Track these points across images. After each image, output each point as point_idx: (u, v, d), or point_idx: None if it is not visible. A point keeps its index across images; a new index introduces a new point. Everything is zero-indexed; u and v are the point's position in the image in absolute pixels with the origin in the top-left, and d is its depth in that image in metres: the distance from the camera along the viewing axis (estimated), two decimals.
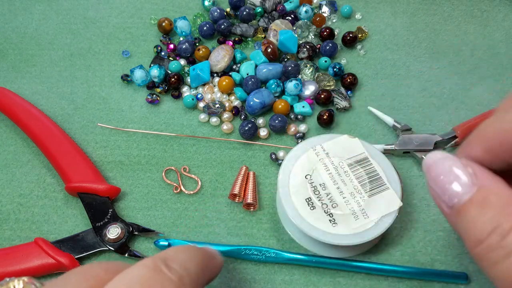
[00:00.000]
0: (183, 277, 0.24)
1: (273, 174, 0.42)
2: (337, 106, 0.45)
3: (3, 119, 0.44)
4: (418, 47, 0.49)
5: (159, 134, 0.43)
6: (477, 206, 0.22)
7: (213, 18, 0.50)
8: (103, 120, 0.44)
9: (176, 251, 0.26)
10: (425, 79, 0.47)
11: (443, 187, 0.24)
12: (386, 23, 0.51)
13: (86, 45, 0.49)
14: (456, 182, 0.23)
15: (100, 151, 0.43)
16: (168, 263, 0.24)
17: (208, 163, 0.42)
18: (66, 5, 0.51)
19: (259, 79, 0.45)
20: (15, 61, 0.48)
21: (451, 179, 0.23)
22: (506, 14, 0.51)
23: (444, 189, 0.23)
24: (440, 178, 0.24)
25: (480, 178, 0.23)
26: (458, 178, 0.23)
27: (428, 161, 0.25)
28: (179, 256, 0.26)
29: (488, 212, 0.21)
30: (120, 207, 0.40)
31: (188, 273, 0.25)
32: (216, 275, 0.30)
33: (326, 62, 0.47)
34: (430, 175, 0.25)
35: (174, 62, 0.46)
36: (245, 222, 0.39)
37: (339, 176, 0.37)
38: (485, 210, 0.22)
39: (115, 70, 0.47)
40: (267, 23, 0.49)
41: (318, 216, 0.35)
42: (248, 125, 0.42)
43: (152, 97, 0.45)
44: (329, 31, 0.48)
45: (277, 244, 0.38)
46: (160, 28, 0.49)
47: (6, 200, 0.40)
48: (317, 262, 0.37)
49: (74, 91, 0.46)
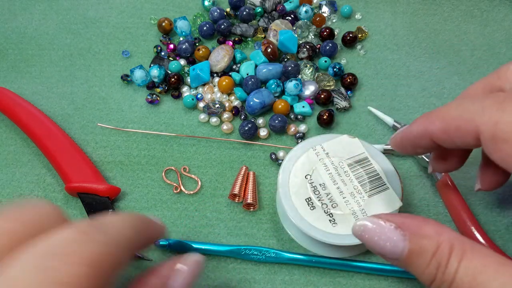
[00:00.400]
0: (112, 238, 0.23)
1: (273, 174, 0.42)
2: (337, 106, 0.45)
3: (3, 119, 0.44)
4: (418, 47, 0.49)
5: (159, 134, 0.43)
6: (416, 255, 0.25)
7: (213, 18, 0.50)
8: (103, 120, 0.44)
9: (111, 217, 0.25)
10: (425, 79, 0.47)
11: (381, 250, 0.26)
12: (386, 23, 0.51)
13: (86, 45, 0.49)
14: (388, 243, 0.26)
15: (100, 151, 0.43)
16: (98, 226, 0.23)
17: (208, 163, 0.42)
18: (66, 5, 0.51)
19: (259, 79, 0.45)
20: (15, 61, 0.48)
21: (383, 241, 0.26)
22: (506, 14, 0.51)
23: (383, 251, 0.26)
24: (374, 243, 0.26)
25: (405, 228, 0.26)
26: (388, 238, 0.26)
27: (355, 231, 0.28)
28: (112, 220, 0.24)
29: (427, 257, 0.25)
30: (120, 207, 0.40)
31: (119, 235, 0.23)
32: (154, 240, 0.30)
33: (326, 62, 0.47)
34: (364, 242, 0.27)
35: (174, 62, 0.46)
36: (245, 222, 0.39)
37: (339, 176, 0.37)
38: (424, 257, 0.25)
39: (115, 70, 0.47)
40: (267, 23, 0.49)
41: (318, 216, 0.35)
42: (248, 125, 0.42)
43: (152, 97, 0.45)
44: (329, 31, 0.48)
45: (277, 244, 0.38)
46: (160, 28, 0.49)
47: (6, 200, 0.40)
48: (317, 262, 0.37)
49: (74, 91, 0.46)
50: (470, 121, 0.25)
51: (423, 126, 0.29)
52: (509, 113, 0.24)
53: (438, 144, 0.28)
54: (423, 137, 0.29)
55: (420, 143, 0.29)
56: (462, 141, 0.26)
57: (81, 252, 0.20)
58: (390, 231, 0.26)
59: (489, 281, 0.23)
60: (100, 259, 0.21)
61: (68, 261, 0.20)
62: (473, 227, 0.36)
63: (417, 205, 0.40)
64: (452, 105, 0.27)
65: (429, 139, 0.28)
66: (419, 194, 0.41)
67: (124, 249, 0.23)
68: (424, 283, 0.25)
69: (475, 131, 0.25)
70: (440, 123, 0.27)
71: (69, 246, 0.21)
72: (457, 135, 0.26)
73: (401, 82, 0.47)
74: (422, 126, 0.29)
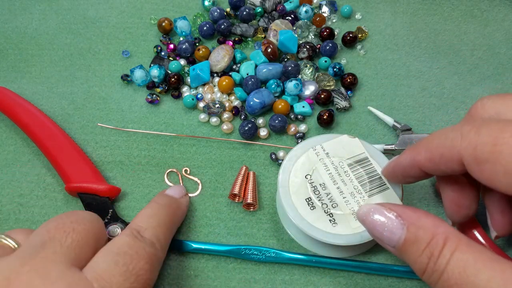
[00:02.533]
0: (154, 243, 0.32)
1: (273, 174, 0.42)
2: (337, 106, 0.45)
3: (3, 119, 0.44)
4: (418, 47, 0.49)
5: (159, 134, 0.43)
6: (411, 244, 0.27)
7: (213, 18, 0.50)
8: (103, 120, 0.44)
9: (146, 218, 0.34)
10: (425, 79, 0.47)
11: (380, 235, 0.28)
12: (386, 23, 0.51)
13: (86, 45, 0.49)
14: (387, 229, 0.28)
15: (100, 151, 0.43)
16: (141, 233, 0.32)
17: (208, 163, 0.42)
18: (66, 5, 0.51)
19: (259, 79, 0.45)
20: (15, 61, 0.48)
21: (383, 227, 0.28)
22: (506, 14, 0.51)
23: (382, 236, 0.28)
24: (375, 229, 0.28)
25: (405, 218, 0.27)
26: (388, 225, 0.28)
27: (359, 215, 0.29)
28: (149, 224, 0.33)
29: (421, 246, 0.26)
30: (120, 207, 0.40)
31: (158, 239, 0.32)
32: (183, 218, 0.39)
33: (326, 62, 0.47)
34: (366, 227, 0.29)
35: (174, 62, 0.46)
36: (245, 222, 0.39)
37: (339, 176, 0.37)
38: (418, 246, 0.26)
39: (115, 70, 0.47)
40: (267, 23, 0.49)
41: (318, 216, 0.35)
42: (248, 125, 0.42)
43: (152, 97, 0.45)
44: (329, 31, 0.48)
45: (277, 244, 0.38)
46: (160, 28, 0.49)
47: (6, 200, 0.40)
48: (317, 262, 0.37)
49: (74, 91, 0.46)
50: (451, 148, 0.27)
51: (410, 156, 0.31)
52: (485, 135, 0.26)
53: (426, 173, 0.31)
54: (412, 167, 0.31)
55: (410, 173, 0.32)
56: (447, 167, 0.28)
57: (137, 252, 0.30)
58: (390, 219, 0.28)
59: (477, 274, 0.24)
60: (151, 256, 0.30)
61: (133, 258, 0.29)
62: (474, 228, 0.36)
63: (417, 205, 0.40)
64: (435, 135, 0.29)
65: (417, 169, 0.30)
66: (419, 194, 0.41)
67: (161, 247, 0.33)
68: (417, 273, 0.27)
69: (457, 157, 0.27)
70: (425, 153, 0.29)
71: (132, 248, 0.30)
72: (442, 162, 0.28)
73: (401, 82, 0.47)
74: (409, 156, 0.31)
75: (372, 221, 0.28)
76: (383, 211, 0.28)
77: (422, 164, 0.30)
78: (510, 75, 0.47)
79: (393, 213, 0.28)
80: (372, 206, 0.29)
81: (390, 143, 0.43)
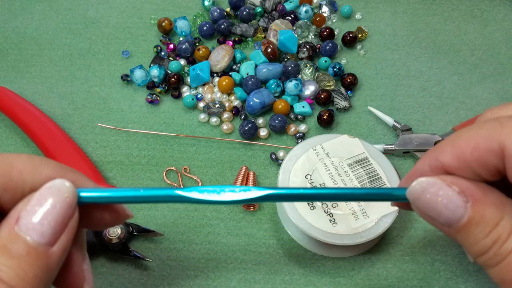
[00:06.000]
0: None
1: (273, 174, 0.42)
2: (337, 106, 0.45)
3: (3, 119, 0.44)
4: (418, 47, 0.49)
5: (159, 134, 0.43)
6: (475, 224, 0.23)
7: (213, 18, 0.50)
8: (103, 120, 0.44)
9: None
10: (425, 79, 0.47)
11: (437, 214, 0.24)
12: (386, 23, 0.51)
13: (86, 45, 0.49)
14: (447, 208, 0.23)
15: (100, 151, 0.43)
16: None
17: (208, 163, 0.42)
18: (66, 5, 0.51)
19: (259, 79, 0.45)
20: (15, 61, 0.48)
21: (443, 205, 0.24)
22: (506, 14, 0.51)
23: (439, 214, 0.24)
24: (432, 207, 0.24)
25: (469, 194, 0.23)
26: (450, 201, 0.23)
27: (412, 192, 0.25)
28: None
29: (487, 228, 0.23)
30: None
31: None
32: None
33: (326, 62, 0.47)
34: (420, 203, 0.25)
35: (174, 62, 0.46)
36: (245, 222, 0.39)
37: (339, 176, 0.37)
38: (484, 227, 0.23)
39: (115, 70, 0.47)
40: (267, 23, 0.49)
41: (318, 216, 0.35)
42: (248, 125, 0.42)
43: (152, 97, 0.45)
44: (329, 31, 0.48)
45: (277, 244, 0.38)
46: (160, 28, 0.49)
47: None
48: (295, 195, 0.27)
49: (74, 91, 0.46)
50: (488, 137, 0.23)
51: (431, 157, 0.25)
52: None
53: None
54: (434, 170, 0.25)
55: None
56: (481, 165, 0.23)
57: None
58: (453, 195, 0.23)
59: None
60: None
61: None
62: None
63: None
64: (461, 131, 0.25)
65: (441, 172, 0.25)
66: None
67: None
68: (472, 254, 0.24)
69: (497, 147, 0.22)
70: (451, 149, 0.24)
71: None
72: (475, 157, 0.23)
73: (401, 82, 0.47)
74: (430, 158, 0.25)
75: (428, 199, 0.24)
76: (444, 187, 0.24)
77: (448, 164, 0.24)
78: (510, 75, 0.47)
79: (455, 188, 0.23)
80: (429, 181, 0.24)
81: (390, 143, 0.43)
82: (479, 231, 0.23)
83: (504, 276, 0.22)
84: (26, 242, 0.22)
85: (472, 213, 0.23)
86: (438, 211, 0.24)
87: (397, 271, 0.37)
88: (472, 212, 0.23)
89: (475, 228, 0.23)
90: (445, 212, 0.23)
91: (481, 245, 0.23)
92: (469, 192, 0.23)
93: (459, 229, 0.23)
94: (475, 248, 0.23)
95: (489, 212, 0.23)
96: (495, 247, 0.22)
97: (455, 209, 0.23)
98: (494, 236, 0.22)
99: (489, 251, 0.23)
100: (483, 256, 0.23)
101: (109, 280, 0.37)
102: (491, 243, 0.23)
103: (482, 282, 0.36)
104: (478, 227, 0.23)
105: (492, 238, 0.23)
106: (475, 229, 0.23)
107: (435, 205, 0.24)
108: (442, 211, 0.24)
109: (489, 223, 0.23)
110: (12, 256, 0.22)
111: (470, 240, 0.23)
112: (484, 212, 0.23)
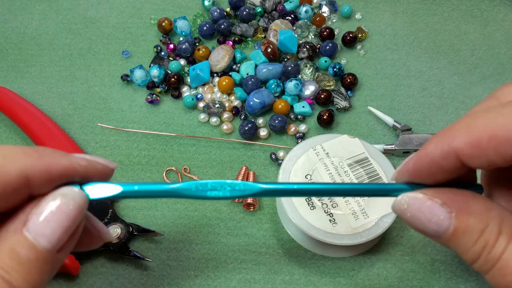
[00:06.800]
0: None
1: (273, 174, 0.42)
2: (337, 106, 0.45)
3: (3, 119, 0.44)
4: (418, 47, 0.49)
5: (159, 134, 0.43)
6: (462, 234, 0.23)
7: (213, 18, 0.50)
8: (103, 120, 0.44)
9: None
10: (425, 79, 0.47)
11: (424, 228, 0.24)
12: (386, 23, 0.51)
13: (86, 45, 0.49)
14: (432, 221, 0.24)
15: (100, 151, 0.43)
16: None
17: (208, 163, 0.42)
18: (66, 5, 0.51)
19: (259, 79, 0.45)
20: (15, 61, 0.48)
21: (427, 219, 0.24)
22: (506, 14, 0.51)
23: (426, 229, 0.24)
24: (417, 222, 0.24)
25: (452, 205, 0.24)
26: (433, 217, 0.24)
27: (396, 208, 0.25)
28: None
29: (473, 235, 0.23)
30: (120, 207, 0.40)
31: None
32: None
33: (326, 62, 0.47)
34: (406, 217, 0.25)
35: (174, 62, 0.46)
36: (245, 222, 0.39)
37: (339, 176, 0.37)
38: (471, 235, 0.23)
39: (115, 70, 0.47)
40: (267, 23, 0.49)
41: (318, 216, 0.35)
42: (248, 125, 0.42)
43: (152, 97, 0.45)
44: (329, 31, 0.48)
45: (277, 244, 0.38)
46: (160, 28, 0.49)
47: None
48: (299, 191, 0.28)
49: (74, 91, 0.46)
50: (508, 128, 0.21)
51: (443, 143, 0.24)
52: None
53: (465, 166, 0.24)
54: (445, 157, 0.23)
55: (442, 167, 0.24)
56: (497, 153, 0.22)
57: None
58: (436, 208, 0.24)
59: None
60: None
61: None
62: None
63: None
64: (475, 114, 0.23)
65: (453, 159, 0.23)
66: None
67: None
68: (466, 261, 0.24)
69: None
70: (466, 136, 0.23)
71: None
72: (492, 145, 0.22)
73: (401, 82, 0.47)
74: (442, 144, 0.24)
75: (412, 215, 0.24)
76: (426, 201, 0.24)
77: (462, 152, 0.23)
78: (510, 75, 0.47)
79: (437, 201, 0.24)
80: (411, 197, 0.25)
81: (390, 143, 0.43)
82: (467, 240, 0.23)
83: (498, 281, 0.23)
84: (35, 247, 0.22)
85: (457, 223, 0.23)
86: (423, 224, 0.24)
87: (397, 271, 0.37)
88: (457, 222, 0.23)
89: (463, 237, 0.23)
90: (430, 225, 0.24)
91: (472, 253, 0.23)
92: (452, 203, 0.24)
93: (448, 239, 0.24)
94: (467, 255, 0.24)
95: (473, 220, 0.23)
96: (485, 253, 0.23)
97: (438, 221, 0.24)
98: (482, 242, 0.23)
99: (480, 258, 0.23)
100: (476, 263, 0.23)
101: (109, 280, 0.37)
102: (480, 249, 0.23)
103: (482, 282, 0.36)
104: (465, 236, 0.23)
105: (480, 244, 0.23)
106: (463, 238, 0.23)
107: (420, 220, 0.24)
108: (427, 225, 0.24)
109: (475, 230, 0.23)
110: (21, 261, 0.22)
111: (461, 249, 0.24)
112: (469, 221, 0.23)
